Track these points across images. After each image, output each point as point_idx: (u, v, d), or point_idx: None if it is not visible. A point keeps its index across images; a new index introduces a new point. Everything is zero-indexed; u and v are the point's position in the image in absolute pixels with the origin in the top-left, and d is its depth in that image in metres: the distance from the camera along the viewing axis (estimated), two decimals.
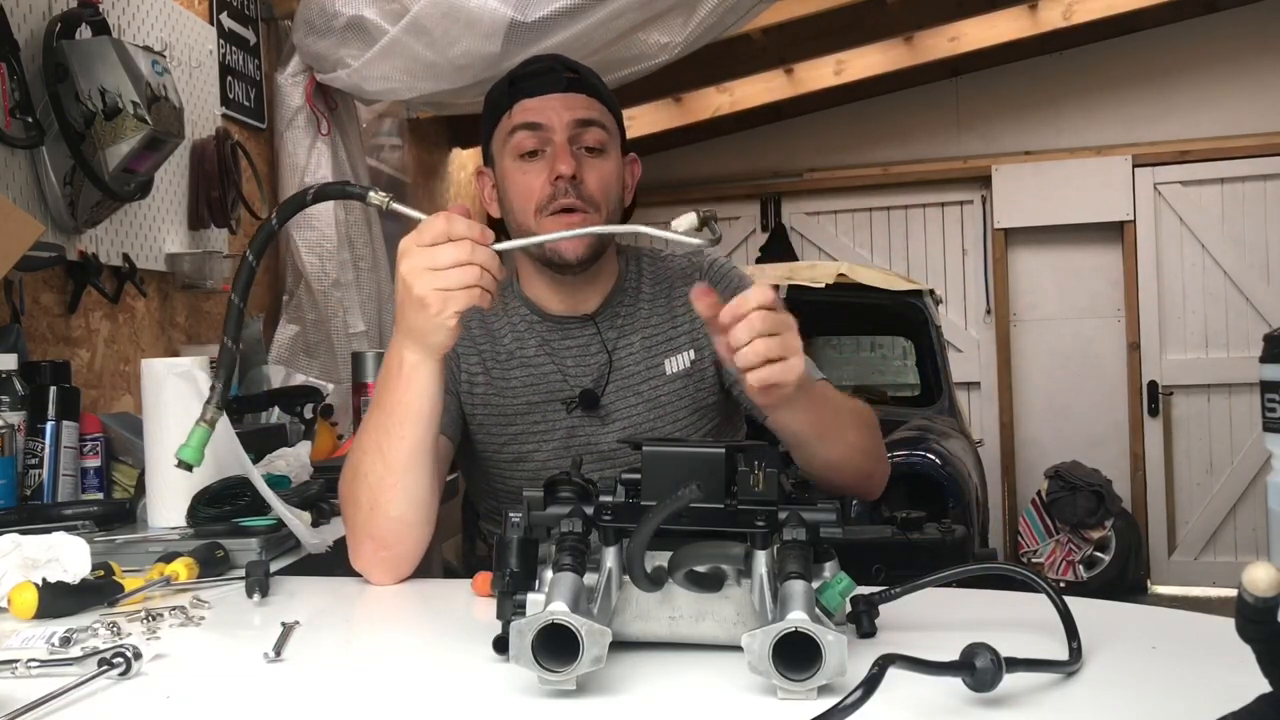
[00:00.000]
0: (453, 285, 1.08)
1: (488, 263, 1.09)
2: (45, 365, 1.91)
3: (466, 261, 1.08)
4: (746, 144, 6.05)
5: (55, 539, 1.19)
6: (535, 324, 1.50)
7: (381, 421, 1.18)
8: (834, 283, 4.11)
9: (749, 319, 1.07)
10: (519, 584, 0.93)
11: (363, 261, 3.38)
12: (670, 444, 1.04)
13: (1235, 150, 5.55)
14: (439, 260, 1.08)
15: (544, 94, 1.42)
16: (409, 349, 1.15)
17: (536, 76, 1.44)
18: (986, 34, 5.22)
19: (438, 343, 1.14)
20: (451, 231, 1.09)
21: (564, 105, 1.42)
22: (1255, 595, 0.62)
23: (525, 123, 1.42)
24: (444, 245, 1.08)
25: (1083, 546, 5.33)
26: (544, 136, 1.41)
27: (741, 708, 0.81)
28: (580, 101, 1.43)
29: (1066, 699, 0.82)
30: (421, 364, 1.15)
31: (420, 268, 1.09)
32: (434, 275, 1.08)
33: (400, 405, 1.17)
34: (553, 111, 1.41)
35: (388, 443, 1.18)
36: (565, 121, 1.41)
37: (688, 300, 1.50)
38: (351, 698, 0.89)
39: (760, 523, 0.90)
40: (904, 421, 3.92)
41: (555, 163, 1.39)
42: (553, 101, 1.42)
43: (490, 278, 1.09)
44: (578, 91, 1.44)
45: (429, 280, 1.08)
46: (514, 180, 1.44)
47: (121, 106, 2.11)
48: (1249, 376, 4.45)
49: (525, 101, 1.43)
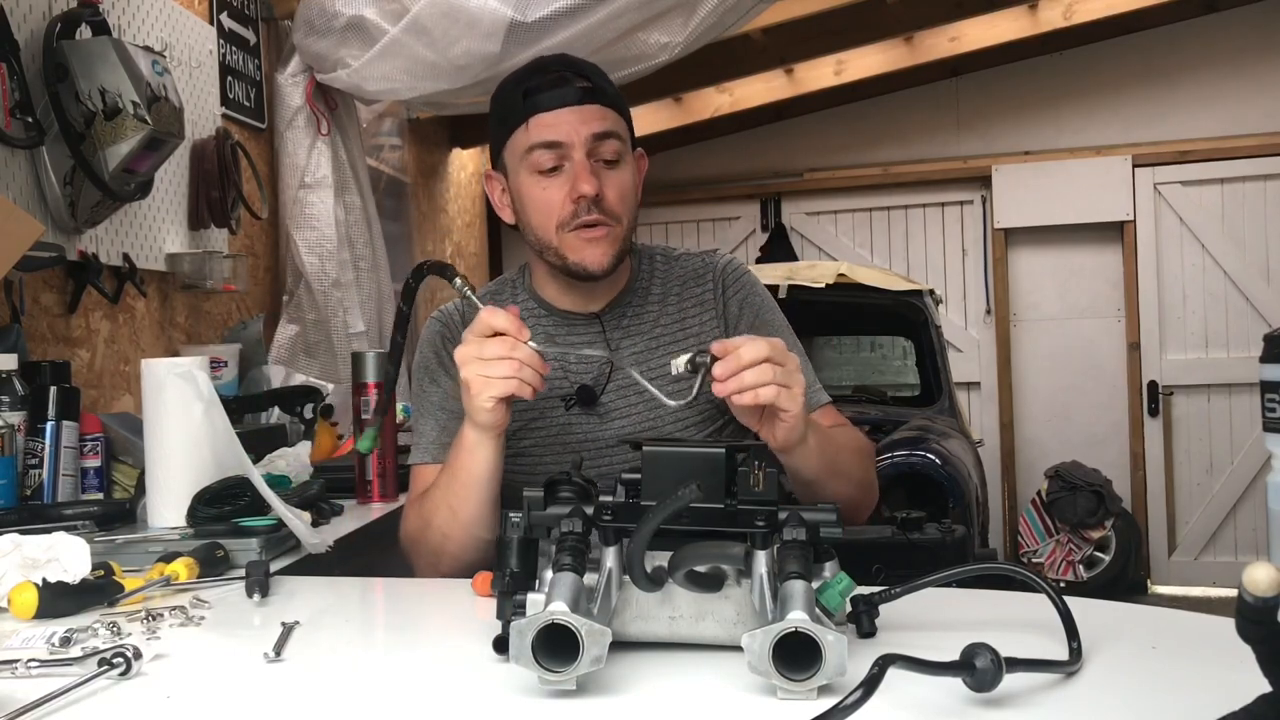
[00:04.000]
0: (492, 374, 1.22)
1: (528, 359, 1.22)
2: (45, 365, 1.91)
3: (508, 356, 1.21)
4: (746, 144, 6.05)
5: (55, 539, 1.19)
6: (541, 318, 1.51)
7: (450, 483, 1.34)
8: (834, 283, 4.11)
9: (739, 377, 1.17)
10: (519, 584, 0.93)
11: (363, 261, 3.38)
12: (670, 444, 1.04)
13: (1235, 150, 5.54)
14: (485, 351, 1.22)
15: (559, 107, 1.40)
16: (469, 426, 1.29)
17: (550, 89, 1.41)
18: (986, 34, 5.22)
19: (485, 422, 1.26)
20: (493, 325, 1.22)
21: (580, 119, 1.40)
22: (1255, 595, 0.62)
23: (543, 141, 1.40)
24: (491, 339, 1.22)
25: (1083, 546, 5.33)
26: (562, 154, 1.40)
27: (741, 708, 0.81)
28: (595, 114, 1.41)
29: (1066, 699, 0.82)
30: (480, 442, 1.29)
31: (470, 356, 1.23)
32: (479, 364, 1.22)
33: (464, 472, 1.32)
34: (570, 127, 1.40)
35: (456, 502, 1.33)
36: (583, 137, 1.40)
37: (698, 301, 1.52)
38: (351, 698, 0.89)
39: (760, 523, 0.90)
40: (904, 421, 3.92)
41: (577, 182, 1.39)
42: (568, 116, 1.40)
43: (531, 371, 1.22)
44: (592, 102, 1.42)
45: (474, 368, 1.23)
46: (533, 196, 1.43)
47: (121, 106, 2.11)
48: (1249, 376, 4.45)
49: (541, 116, 1.40)
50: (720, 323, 1.51)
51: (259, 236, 3.21)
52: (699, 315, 1.50)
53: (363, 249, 3.39)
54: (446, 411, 1.48)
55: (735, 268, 1.57)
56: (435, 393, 1.49)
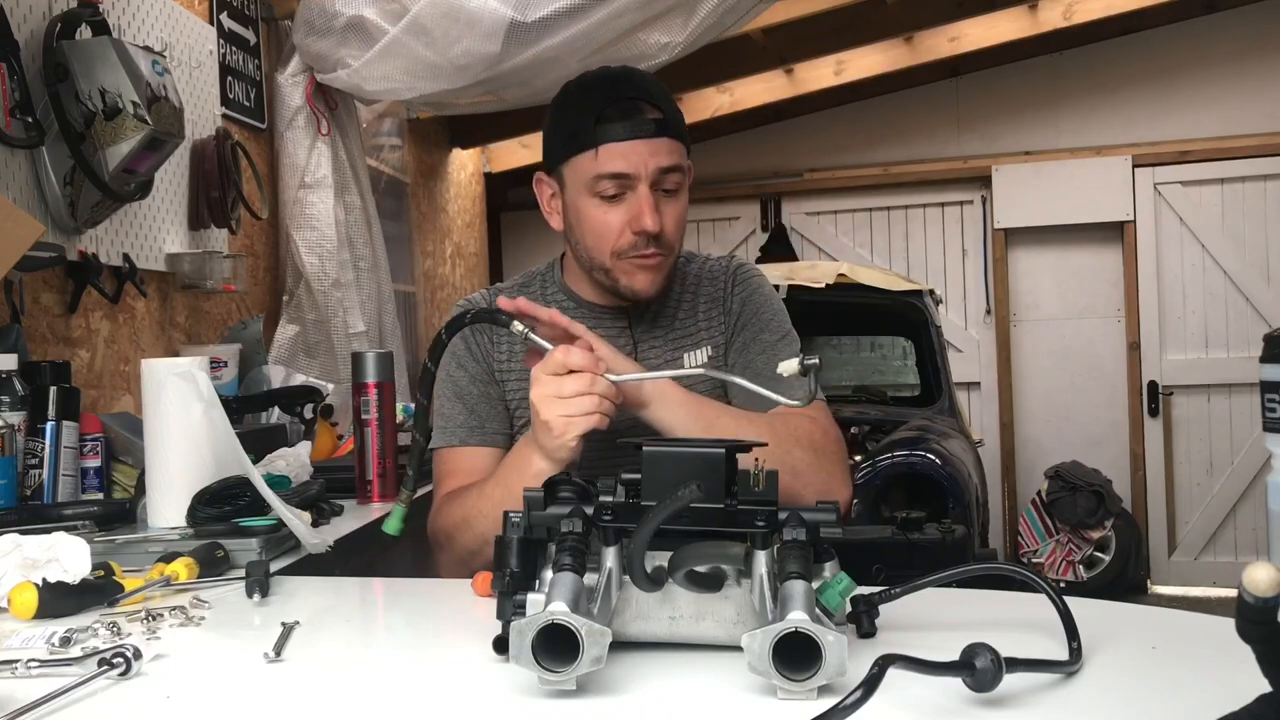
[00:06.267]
0: (574, 412, 1.22)
1: (606, 391, 1.23)
2: (45, 365, 1.91)
3: (587, 391, 1.22)
4: (746, 144, 6.05)
5: (55, 539, 1.19)
6: (570, 311, 1.51)
7: (504, 497, 1.29)
8: (834, 283, 4.11)
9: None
10: (519, 584, 0.93)
11: (363, 261, 3.38)
12: (670, 444, 1.04)
13: (1235, 150, 5.54)
14: (564, 390, 1.22)
15: (631, 139, 1.39)
16: (539, 457, 1.28)
17: (623, 119, 1.39)
18: (986, 34, 5.22)
19: (565, 458, 1.26)
20: (569, 363, 1.22)
21: (650, 152, 1.39)
22: (1255, 595, 0.62)
23: (612, 173, 1.39)
24: (568, 376, 1.22)
25: (1083, 546, 5.32)
26: (627, 184, 1.40)
27: (741, 708, 0.81)
28: (665, 147, 1.40)
29: (1066, 699, 0.81)
30: (547, 472, 1.26)
31: (548, 395, 1.23)
32: (559, 403, 1.22)
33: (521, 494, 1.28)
34: (640, 159, 1.38)
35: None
36: (650, 171, 1.39)
37: (710, 299, 1.54)
38: (351, 698, 0.89)
39: (760, 523, 0.90)
40: (904, 421, 3.93)
41: (641, 217, 1.39)
42: (640, 148, 1.39)
43: (609, 404, 1.23)
44: (663, 135, 1.40)
45: (555, 408, 1.22)
46: (592, 217, 1.43)
47: (121, 106, 2.11)
48: (1249, 376, 4.45)
49: (611, 146, 1.39)
50: (725, 320, 1.54)
51: (259, 236, 3.21)
52: (709, 312, 1.54)
53: (363, 249, 3.39)
54: (474, 395, 1.49)
55: (746, 268, 1.59)
56: (462, 376, 1.50)
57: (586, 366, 1.22)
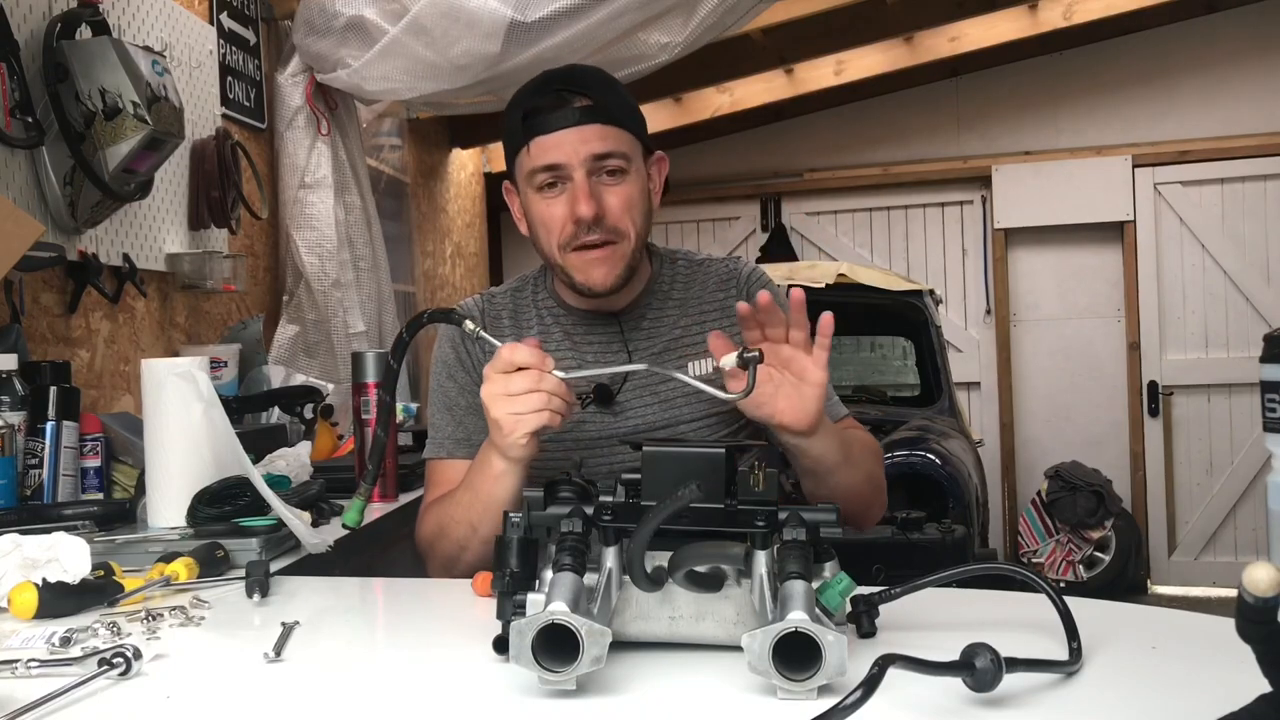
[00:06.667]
0: (523, 410, 1.20)
1: (555, 389, 1.21)
2: (45, 365, 1.91)
3: (535, 389, 1.20)
4: (746, 144, 6.05)
5: (55, 539, 1.19)
6: (561, 317, 1.52)
7: (471, 503, 1.33)
8: (834, 283, 4.11)
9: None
10: (519, 584, 0.93)
11: (363, 261, 3.38)
12: (670, 444, 1.04)
13: (1235, 150, 5.54)
14: (511, 387, 1.20)
15: (557, 129, 1.39)
16: (496, 456, 1.27)
17: (549, 111, 1.40)
18: (986, 34, 5.22)
19: (518, 457, 1.26)
20: (515, 360, 1.20)
21: (579, 140, 1.39)
22: (1255, 595, 0.62)
23: (543, 165, 1.40)
24: (515, 374, 1.20)
25: (1083, 546, 5.33)
26: (562, 174, 1.40)
27: (741, 708, 0.81)
28: (595, 133, 1.40)
29: (1066, 699, 0.82)
30: (507, 471, 1.28)
31: (496, 394, 1.21)
32: (507, 400, 1.21)
33: (487, 496, 1.31)
34: (569, 148, 1.39)
35: (476, 520, 1.33)
36: (581, 158, 1.39)
37: (719, 307, 1.53)
38: (351, 698, 0.89)
39: (760, 523, 0.90)
40: (904, 421, 3.93)
41: (575, 204, 1.38)
42: (568, 137, 1.39)
43: (559, 400, 1.22)
44: (592, 122, 1.40)
45: (503, 405, 1.21)
46: (538, 212, 1.43)
47: (121, 106, 2.11)
48: (1249, 376, 4.45)
49: (540, 139, 1.40)
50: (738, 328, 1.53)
51: (259, 236, 3.21)
52: (719, 322, 1.51)
53: (363, 249, 3.39)
54: (462, 407, 1.49)
55: (759, 275, 1.58)
56: (451, 387, 1.50)
57: (533, 363, 1.20)
